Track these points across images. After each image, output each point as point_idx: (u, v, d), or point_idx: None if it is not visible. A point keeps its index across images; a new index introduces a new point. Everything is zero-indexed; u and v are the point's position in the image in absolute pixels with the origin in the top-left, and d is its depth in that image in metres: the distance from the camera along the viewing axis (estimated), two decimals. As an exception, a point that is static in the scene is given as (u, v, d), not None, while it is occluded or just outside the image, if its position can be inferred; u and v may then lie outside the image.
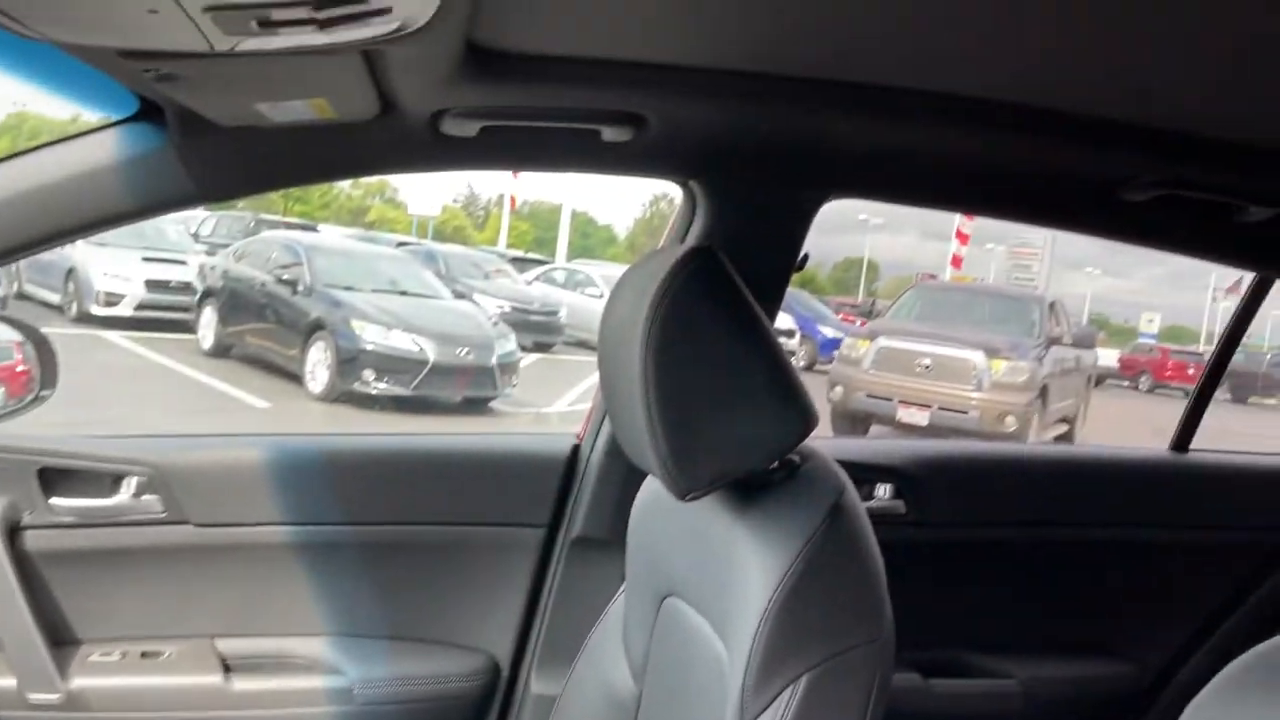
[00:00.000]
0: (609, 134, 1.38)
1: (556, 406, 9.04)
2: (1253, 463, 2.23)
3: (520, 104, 1.31)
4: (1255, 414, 15.53)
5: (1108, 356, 19.20)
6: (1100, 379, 17.92)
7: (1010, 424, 8.69)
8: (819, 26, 1.13)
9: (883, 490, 1.91)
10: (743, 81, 1.29)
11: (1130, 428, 11.85)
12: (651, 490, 1.29)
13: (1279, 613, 2.11)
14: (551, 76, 1.26)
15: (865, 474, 1.87)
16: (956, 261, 11.45)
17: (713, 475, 1.06)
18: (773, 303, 1.62)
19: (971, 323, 9.64)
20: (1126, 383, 18.47)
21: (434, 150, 1.39)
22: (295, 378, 8.27)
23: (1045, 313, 9.83)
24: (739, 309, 1.09)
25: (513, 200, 25.92)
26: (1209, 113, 1.31)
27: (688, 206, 1.63)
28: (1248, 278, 1.95)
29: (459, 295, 10.37)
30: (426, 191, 20.32)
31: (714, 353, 1.07)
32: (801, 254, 1.64)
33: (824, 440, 1.17)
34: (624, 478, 1.64)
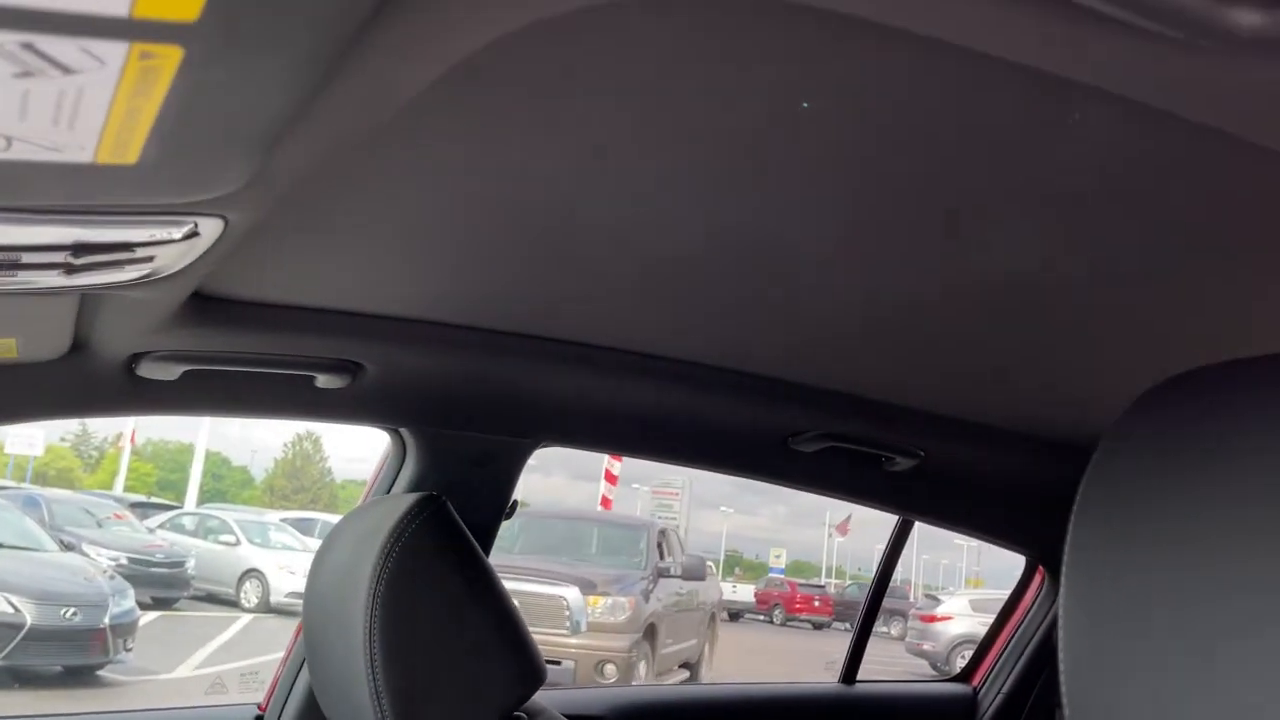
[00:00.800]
0: (323, 380, 1.35)
1: (180, 672, 8.03)
2: (910, 690, 2.44)
3: (231, 349, 1.25)
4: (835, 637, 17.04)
5: (745, 591, 20.46)
6: (739, 613, 18.86)
7: (610, 674, 7.24)
8: (525, 288, 1.21)
9: (586, 742, 1.87)
10: (456, 333, 1.33)
11: (765, 665, 12.44)
12: None
13: None
14: (267, 323, 1.22)
15: None
16: (606, 503, 11.79)
17: None
18: (484, 551, 1.61)
19: (578, 555, 8.45)
20: (762, 617, 19.65)
21: (125, 394, 1.28)
22: None
23: (654, 541, 8.62)
24: (469, 559, 1.08)
25: (133, 438, 23.66)
26: (862, 377, 1.53)
27: (397, 453, 1.61)
28: (858, 518, 2.22)
29: (66, 546, 9.19)
30: (27, 427, 18.07)
31: (445, 605, 1.04)
32: (511, 501, 1.66)
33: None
34: None
